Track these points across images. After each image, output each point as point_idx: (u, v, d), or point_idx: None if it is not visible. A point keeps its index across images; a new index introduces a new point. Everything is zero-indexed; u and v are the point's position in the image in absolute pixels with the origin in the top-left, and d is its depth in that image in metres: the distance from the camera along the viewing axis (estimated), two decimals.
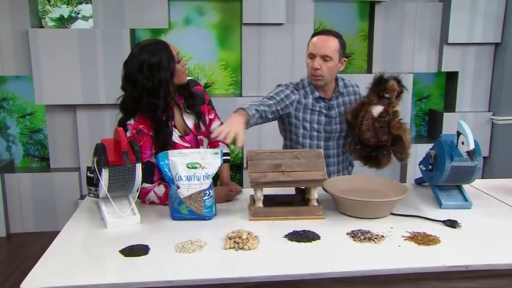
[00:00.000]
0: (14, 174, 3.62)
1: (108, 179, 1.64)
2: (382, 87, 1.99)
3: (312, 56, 2.10)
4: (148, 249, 1.48)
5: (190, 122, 2.00)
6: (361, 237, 1.55)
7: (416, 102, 4.15)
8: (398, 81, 2.00)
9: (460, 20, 3.67)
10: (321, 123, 2.18)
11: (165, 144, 1.86)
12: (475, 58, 3.81)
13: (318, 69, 2.07)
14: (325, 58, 2.06)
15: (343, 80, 2.27)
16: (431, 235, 1.57)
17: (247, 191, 2.02)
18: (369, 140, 2.01)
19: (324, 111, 2.18)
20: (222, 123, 2.17)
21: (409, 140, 1.97)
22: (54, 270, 1.34)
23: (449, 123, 3.83)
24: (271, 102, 2.09)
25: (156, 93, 1.82)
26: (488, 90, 3.88)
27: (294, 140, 2.23)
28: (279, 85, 2.24)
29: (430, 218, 1.73)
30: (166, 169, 1.72)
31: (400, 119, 2.00)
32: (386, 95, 1.98)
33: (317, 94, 2.17)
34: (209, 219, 1.73)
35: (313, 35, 2.13)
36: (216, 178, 2.11)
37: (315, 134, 2.20)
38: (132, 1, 3.42)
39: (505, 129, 3.83)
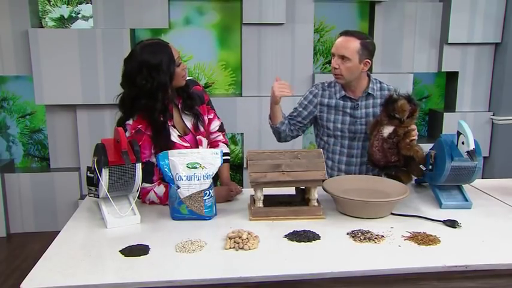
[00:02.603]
0: (14, 174, 3.62)
1: (108, 179, 1.64)
2: (391, 108, 1.93)
3: (333, 55, 2.14)
4: (148, 249, 1.48)
5: (189, 122, 2.00)
6: (361, 237, 1.55)
7: None
8: (410, 100, 1.94)
9: (460, 20, 3.67)
10: (345, 123, 2.20)
11: (163, 145, 1.86)
12: (475, 58, 3.81)
13: (336, 68, 2.11)
14: (343, 58, 2.09)
15: (380, 83, 2.26)
16: (431, 235, 1.57)
17: (247, 191, 2.02)
18: (378, 160, 2.00)
19: (349, 110, 2.19)
20: (221, 123, 2.18)
21: (421, 160, 1.92)
22: (54, 270, 1.34)
23: (450, 123, 3.83)
24: (295, 113, 2.29)
25: (153, 95, 1.82)
26: (488, 90, 3.88)
27: (319, 137, 2.32)
28: (312, 86, 2.32)
29: (430, 218, 1.73)
30: (166, 169, 1.72)
31: (412, 140, 1.93)
32: (397, 116, 1.92)
33: (343, 93, 2.19)
34: (209, 219, 1.73)
35: (339, 35, 2.16)
36: (216, 178, 2.11)
37: (339, 133, 2.21)
38: (132, 1, 3.42)
39: (505, 129, 3.83)
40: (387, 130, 1.96)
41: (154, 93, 1.82)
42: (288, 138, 2.30)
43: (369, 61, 2.13)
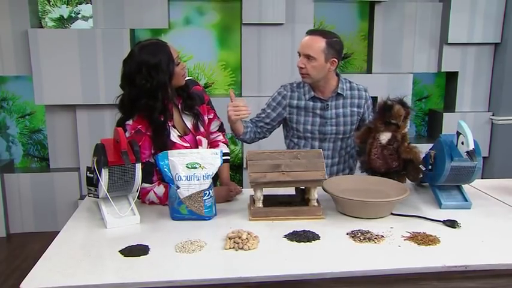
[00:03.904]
0: (14, 174, 3.62)
1: (108, 179, 1.64)
2: (388, 114, 1.91)
3: (299, 55, 2.13)
4: (148, 249, 1.47)
5: (189, 122, 2.00)
6: (361, 237, 1.55)
7: (416, 102, 4.15)
8: (403, 104, 1.93)
9: (460, 20, 3.67)
10: (315, 125, 2.19)
11: (163, 145, 1.86)
12: (475, 58, 3.81)
13: (302, 67, 2.10)
14: (308, 57, 2.07)
15: (350, 82, 2.24)
16: (431, 235, 1.56)
17: (247, 191, 2.02)
18: (379, 168, 1.98)
19: (319, 111, 2.18)
20: (221, 123, 2.18)
21: (420, 162, 1.92)
22: (54, 270, 1.34)
23: (449, 123, 3.83)
24: (263, 115, 2.26)
25: (153, 95, 1.82)
26: (488, 90, 3.88)
27: (289, 138, 2.30)
28: (281, 86, 2.27)
29: (430, 218, 1.73)
30: (166, 169, 1.72)
31: (409, 143, 1.93)
32: (393, 121, 1.91)
33: (313, 94, 2.18)
34: (209, 219, 1.73)
35: (306, 34, 2.14)
36: (216, 178, 2.11)
37: (309, 135, 2.21)
38: (132, 1, 3.42)
39: (504, 129, 3.83)
40: (385, 137, 1.94)
41: (154, 92, 1.82)
42: (255, 140, 2.29)
43: (336, 60, 2.10)
